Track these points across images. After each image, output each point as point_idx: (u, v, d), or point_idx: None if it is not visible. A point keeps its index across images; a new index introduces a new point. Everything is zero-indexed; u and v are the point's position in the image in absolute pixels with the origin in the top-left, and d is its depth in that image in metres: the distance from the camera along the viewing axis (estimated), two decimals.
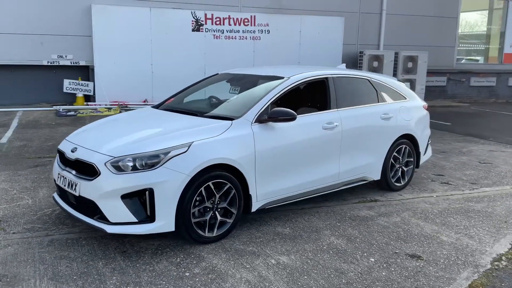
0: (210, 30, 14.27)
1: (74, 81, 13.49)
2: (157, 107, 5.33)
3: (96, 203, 3.83)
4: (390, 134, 5.60)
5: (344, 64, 6.36)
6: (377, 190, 5.84)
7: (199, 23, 14.10)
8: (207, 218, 4.08)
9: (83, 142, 4.27)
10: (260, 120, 4.43)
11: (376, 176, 5.60)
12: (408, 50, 16.79)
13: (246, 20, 14.66)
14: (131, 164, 3.81)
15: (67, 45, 13.30)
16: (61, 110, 12.24)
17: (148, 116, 5.05)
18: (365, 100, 5.53)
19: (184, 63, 13.84)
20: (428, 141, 6.35)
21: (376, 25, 16.94)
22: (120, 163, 3.82)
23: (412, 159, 5.97)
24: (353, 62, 16.53)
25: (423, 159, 6.25)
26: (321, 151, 4.92)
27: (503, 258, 4.06)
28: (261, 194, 4.45)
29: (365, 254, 4.05)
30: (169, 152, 3.86)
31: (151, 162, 3.82)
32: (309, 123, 4.84)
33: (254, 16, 14.73)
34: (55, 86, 13.53)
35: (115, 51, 13.29)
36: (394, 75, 16.59)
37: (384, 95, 5.74)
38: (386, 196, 5.68)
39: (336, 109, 5.10)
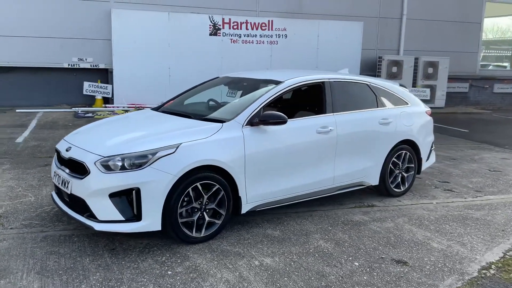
0: (227, 34, 14.41)
1: (93, 83, 13.82)
2: (156, 109, 5.44)
3: (86, 201, 3.94)
4: (389, 139, 5.56)
5: (347, 69, 6.34)
6: (376, 196, 5.81)
7: (217, 27, 14.25)
8: (195, 218, 4.15)
9: (77, 141, 4.40)
10: (252, 123, 4.48)
11: (374, 181, 5.57)
12: (429, 55, 16.60)
13: (263, 25, 14.75)
14: (120, 163, 3.91)
15: (87, 49, 13.66)
16: (79, 112, 12.56)
17: (145, 117, 5.16)
18: (363, 105, 5.51)
19: (201, 66, 13.97)
20: (431, 147, 6.27)
21: (396, 30, 16.80)
22: (109, 163, 3.92)
23: (413, 165, 5.91)
24: (371, 67, 16.46)
25: (425, 165, 6.17)
26: (315, 155, 4.93)
27: (493, 266, 3.99)
28: (251, 196, 4.49)
29: (350, 258, 4.04)
30: (156, 153, 3.94)
31: (138, 162, 3.91)
32: (302, 127, 4.87)
33: (272, 21, 14.80)
34: (76, 88, 13.88)
35: (134, 54, 13.56)
36: (414, 80, 16.45)
37: (384, 100, 5.71)
38: (384, 201, 5.64)
39: (332, 113, 5.11)
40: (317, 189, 5.05)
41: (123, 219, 3.89)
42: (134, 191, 3.85)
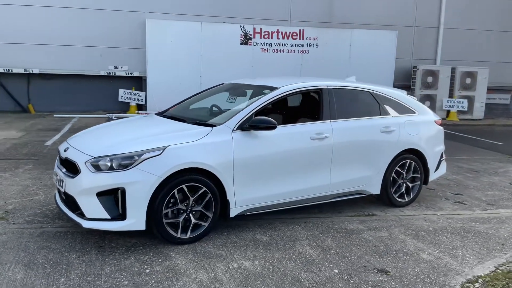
0: (258, 44, 14.58)
1: (128, 90, 14.31)
2: (160, 114, 5.60)
3: (76, 199, 4.12)
4: (391, 148, 5.46)
5: (354, 77, 6.29)
6: (379, 205, 5.72)
7: (248, 37, 14.45)
8: (180, 220, 4.24)
9: (75, 143, 4.61)
10: (243, 128, 4.55)
11: (375, 190, 5.48)
12: (467, 65, 16.11)
13: (294, 34, 14.82)
14: (108, 164, 4.07)
15: (123, 57, 14.21)
16: (113, 118, 13.03)
17: (144, 121, 5.34)
18: (364, 112, 5.46)
19: (232, 75, 14.04)
20: (441, 157, 6.10)
21: (432, 39, 16.43)
22: (99, 163, 4.09)
23: (419, 175, 5.77)
24: (406, 77, 16.17)
25: (433, 175, 6.01)
26: (309, 161, 4.92)
27: (479, 280, 3.85)
28: (240, 200, 4.54)
29: (331, 265, 4.01)
30: (142, 154, 4.08)
31: (125, 163, 4.05)
32: (296, 133, 4.88)
33: (303, 30, 14.85)
34: (111, 95, 14.42)
35: (166, 63, 13.96)
36: (451, 91, 16.01)
37: (388, 108, 5.63)
38: (386, 211, 5.54)
39: (329, 120, 5.09)
40: (312, 195, 5.04)
41: (109, 217, 4.04)
42: (119, 191, 4.00)
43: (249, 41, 14.51)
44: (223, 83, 6.12)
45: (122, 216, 4.04)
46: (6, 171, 6.82)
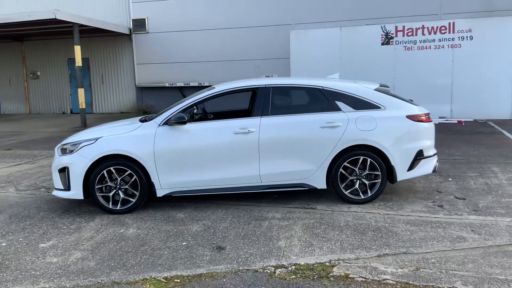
0: (401, 42, 14.12)
1: None
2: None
3: (52, 173, 5.83)
4: (333, 143, 5.43)
5: (338, 74, 6.29)
6: (334, 201, 5.71)
7: (389, 36, 14.17)
8: (110, 194, 5.49)
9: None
10: (168, 123, 5.50)
11: (320, 185, 5.56)
12: None
13: (443, 28, 13.78)
14: (67, 149, 5.63)
15: (273, 67, 15.83)
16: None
17: (120, 121, 6.68)
18: (307, 109, 5.62)
19: (373, 77, 14.04)
20: (419, 155, 5.58)
21: None
22: (64, 148, 5.70)
23: (378, 173, 5.51)
24: None
25: (406, 175, 5.58)
26: (232, 153, 5.46)
27: (291, 267, 3.92)
28: (165, 183, 5.49)
29: (189, 239, 4.63)
30: (81, 143, 5.50)
31: (72, 148, 5.55)
32: (218, 128, 5.53)
33: (453, 23, 13.68)
34: None
35: (308, 68, 14.87)
36: None
37: (340, 104, 5.57)
38: (331, 206, 5.54)
39: (259, 117, 5.51)
40: (242, 184, 5.54)
41: (63, 188, 5.60)
42: (66, 169, 5.51)
43: (391, 40, 14.18)
44: (211, 86, 7.00)
45: (68, 188, 5.54)
46: None
